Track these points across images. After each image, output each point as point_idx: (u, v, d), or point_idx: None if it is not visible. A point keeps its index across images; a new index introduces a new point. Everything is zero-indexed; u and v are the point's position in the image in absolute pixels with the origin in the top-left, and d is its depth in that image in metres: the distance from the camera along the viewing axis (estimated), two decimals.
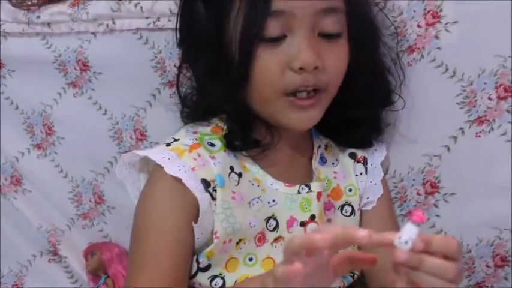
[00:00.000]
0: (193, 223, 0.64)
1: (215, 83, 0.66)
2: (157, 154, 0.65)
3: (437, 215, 0.79)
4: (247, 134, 0.68)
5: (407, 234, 0.45)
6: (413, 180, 0.79)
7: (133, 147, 0.86)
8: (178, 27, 0.72)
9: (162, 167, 0.63)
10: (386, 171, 0.80)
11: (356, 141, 0.77)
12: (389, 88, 0.75)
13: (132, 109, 0.85)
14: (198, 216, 0.64)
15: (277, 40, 0.63)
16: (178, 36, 0.73)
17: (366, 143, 0.77)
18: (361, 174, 0.76)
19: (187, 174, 0.63)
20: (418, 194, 0.79)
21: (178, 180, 0.63)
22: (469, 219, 0.77)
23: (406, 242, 0.45)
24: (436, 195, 0.78)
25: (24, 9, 0.87)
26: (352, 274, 0.75)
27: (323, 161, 0.75)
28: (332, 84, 0.67)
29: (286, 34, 0.63)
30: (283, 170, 0.72)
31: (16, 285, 0.95)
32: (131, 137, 0.87)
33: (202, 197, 0.64)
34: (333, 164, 0.76)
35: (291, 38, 0.63)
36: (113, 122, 0.87)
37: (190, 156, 0.65)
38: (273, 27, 0.62)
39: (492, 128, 0.74)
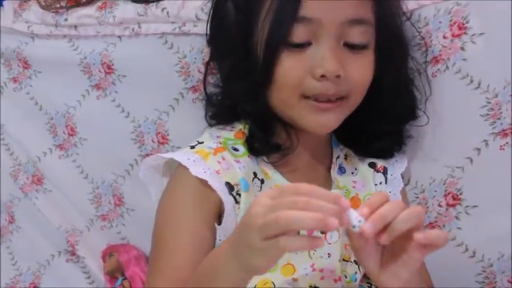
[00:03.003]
0: (216, 225, 0.64)
1: (238, 83, 0.67)
2: (182, 156, 0.66)
3: (459, 228, 0.78)
4: (268, 137, 0.69)
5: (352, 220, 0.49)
6: (435, 191, 0.78)
7: (155, 150, 0.87)
8: (208, 25, 0.73)
9: (187, 169, 0.64)
10: (407, 182, 0.79)
11: (377, 152, 0.77)
12: (414, 103, 0.75)
13: (155, 113, 0.86)
14: (220, 218, 0.65)
15: (302, 46, 0.63)
16: (208, 34, 0.74)
17: (387, 154, 0.77)
18: (380, 183, 0.76)
19: (212, 177, 0.63)
20: (440, 205, 0.78)
21: (203, 182, 0.63)
22: (490, 233, 0.76)
23: (354, 226, 0.49)
24: (457, 207, 0.78)
25: (53, 12, 0.89)
26: (369, 285, 0.74)
27: (342, 171, 0.75)
28: (354, 94, 0.67)
29: (311, 41, 0.64)
30: (303, 177, 0.71)
31: (33, 283, 0.97)
32: (153, 140, 0.87)
33: (226, 199, 0.64)
34: (352, 173, 0.76)
35: (316, 46, 0.63)
36: (135, 125, 0.88)
37: (214, 159, 0.65)
38: (299, 33, 0.63)
39: None
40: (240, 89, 0.67)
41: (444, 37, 0.74)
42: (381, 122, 0.73)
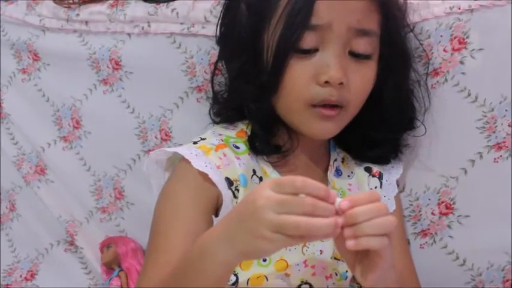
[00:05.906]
0: (213, 216, 0.66)
1: (245, 84, 0.69)
2: (185, 150, 0.68)
3: (450, 236, 0.80)
4: (269, 137, 0.71)
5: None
6: (429, 199, 0.80)
7: (157, 146, 0.89)
8: (219, 24, 0.75)
9: (189, 162, 0.66)
10: (402, 190, 0.81)
11: (373, 158, 0.79)
12: (413, 114, 0.77)
13: (160, 110, 0.88)
14: (217, 211, 0.66)
15: (309, 52, 0.66)
16: (218, 33, 0.76)
17: (383, 161, 0.79)
18: (375, 188, 0.78)
19: (212, 171, 0.65)
20: (433, 213, 0.80)
21: (203, 175, 0.65)
22: (481, 243, 0.78)
23: None
24: (450, 216, 0.79)
25: (65, 7, 0.91)
26: (359, 285, 0.76)
27: (338, 173, 0.77)
28: (354, 102, 0.69)
29: (318, 47, 0.66)
30: None
31: (31, 271, 0.98)
32: (156, 137, 0.89)
33: (225, 193, 0.66)
34: (348, 176, 0.78)
35: (322, 52, 0.66)
36: (139, 121, 0.90)
37: (216, 154, 0.67)
38: (308, 40, 0.65)
39: (510, 155, 0.75)
40: (247, 90, 0.69)
41: (444, 50, 0.76)
42: (379, 130, 0.75)
